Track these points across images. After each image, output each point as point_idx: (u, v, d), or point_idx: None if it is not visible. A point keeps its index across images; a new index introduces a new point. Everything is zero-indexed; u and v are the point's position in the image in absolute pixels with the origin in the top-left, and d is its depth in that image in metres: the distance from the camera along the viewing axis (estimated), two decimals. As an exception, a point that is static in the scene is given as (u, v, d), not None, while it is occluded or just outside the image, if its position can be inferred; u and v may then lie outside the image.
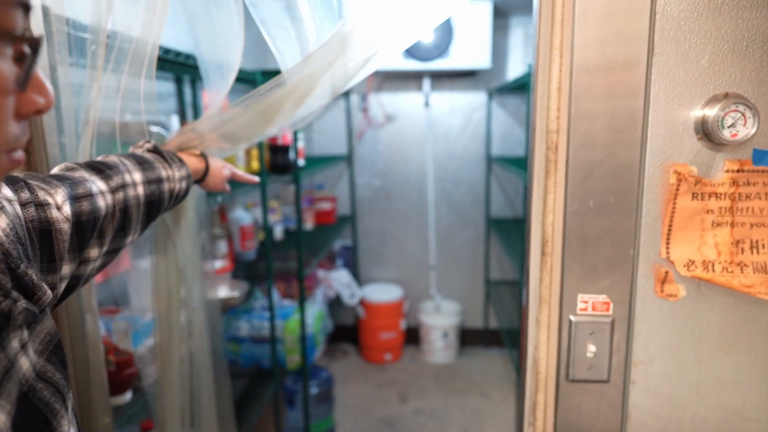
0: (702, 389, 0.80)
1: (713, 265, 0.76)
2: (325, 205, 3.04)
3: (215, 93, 1.10)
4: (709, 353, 0.79)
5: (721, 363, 0.79)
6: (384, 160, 3.25)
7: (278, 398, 2.17)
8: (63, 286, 0.60)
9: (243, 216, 2.14)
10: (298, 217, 2.10)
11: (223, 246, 1.85)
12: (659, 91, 0.74)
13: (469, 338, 3.38)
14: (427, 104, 3.13)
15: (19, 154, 0.39)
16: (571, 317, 0.80)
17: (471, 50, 2.71)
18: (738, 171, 0.74)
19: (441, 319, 3.18)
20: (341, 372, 3.08)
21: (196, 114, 2.00)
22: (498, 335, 3.31)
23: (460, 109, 3.15)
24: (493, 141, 3.14)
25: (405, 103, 3.16)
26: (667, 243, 0.77)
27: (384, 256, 3.39)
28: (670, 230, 0.76)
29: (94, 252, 0.65)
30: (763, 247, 0.75)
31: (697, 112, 0.74)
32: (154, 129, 1.30)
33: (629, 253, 0.78)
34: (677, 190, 0.75)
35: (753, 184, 0.75)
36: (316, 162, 2.76)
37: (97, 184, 0.67)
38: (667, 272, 0.77)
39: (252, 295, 2.27)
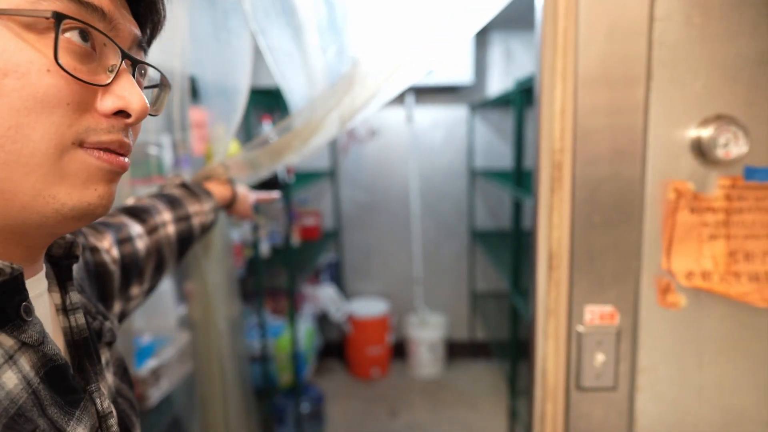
0: (704, 393, 0.85)
1: (711, 276, 0.81)
2: (310, 221, 3.05)
3: (217, 114, 1.12)
4: (709, 359, 0.84)
5: (721, 368, 0.84)
6: (368, 175, 3.28)
7: (270, 417, 2.16)
8: (116, 322, 0.63)
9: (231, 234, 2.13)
10: (287, 233, 2.11)
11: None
12: (657, 113, 0.79)
13: (455, 351, 3.41)
14: (410, 119, 3.18)
15: (115, 157, 0.40)
16: (580, 328, 0.84)
17: (453, 66, 2.78)
18: (731, 187, 0.80)
19: (428, 333, 3.20)
20: (329, 388, 3.07)
21: (184, 131, 2.00)
22: (485, 347, 3.35)
23: (443, 124, 3.21)
24: (476, 154, 3.20)
25: (388, 117, 3.20)
26: (668, 255, 0.81)
27: (369, 270, 3.40)
28: (670, 243, 0.81)
29: (135, 290, 0.70)
30: (756, 257, 0.81)
31: (693, 133, 0.79)
32: (151, 150, 1.31)
33: (633, 265, 0.82)
34: (676, 205, 0.80)
35: (745, 199, 0.80)
36: (302, 177, 2.78)
37: (135, 228, 0.72)
38: (668, 283, 0.82)
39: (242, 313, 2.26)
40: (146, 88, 0.47)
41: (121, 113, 0.39)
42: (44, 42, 0.35)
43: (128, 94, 0.39)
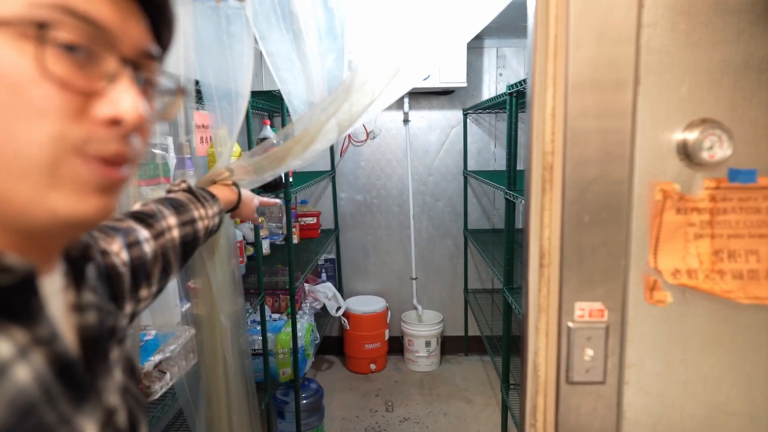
0: (689, 387, 0.88)
1: (696, 273, 0.84)
2: (310, 220, 3.08)
3: (219, 116, 1.14)
4: (694, 354, 0.87)
5: (706, 363, 0.87)
6: (366, 176, 3.32)
7: (270, 411, 2.19)
8: (126, 323, 0.66)
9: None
10: (288, 232, 2.14)
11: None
12: (645, 117, 0.82)
13: (450, 346, 3.46)
14: (406, 121, 3.22)
15: (114, 169, 0.40)
16: (570, 324, 0.87)
17: (448, 70, 2.82)
18: (716, 188, 0.83)
19: (423, 329, 3.24)
20: (327, 383, 3.10)
21: (188, 134, 2.03)
22: (478, 342, 3.39)
23: (438, 126, 3.26)
24: (469, 156, 3.25)
25: (386, 120, 3.25)
26: (655, 254, 0.84)
27: (367, 268, 3.44)
28: (657, 242, 0.84)
29: (144, 292, 0.72)
30: (740, 256, 0.84)
31: (679, 136, 0.82)
32: (156, 151, 1.34)
33: (621, 263, 0.85)
34: (663, 206, 0.83)
35: (729, 200, 0.83)
36: (301, 178, 2.80)
37: (142, 233, 0.74)
38: (655, 280, 0.85)
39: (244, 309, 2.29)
40: (162, 95, 0.47)
41: (116, 120, 0.39)
42: (37, 51, 0.35)
43: (122, 100, 0.38)
